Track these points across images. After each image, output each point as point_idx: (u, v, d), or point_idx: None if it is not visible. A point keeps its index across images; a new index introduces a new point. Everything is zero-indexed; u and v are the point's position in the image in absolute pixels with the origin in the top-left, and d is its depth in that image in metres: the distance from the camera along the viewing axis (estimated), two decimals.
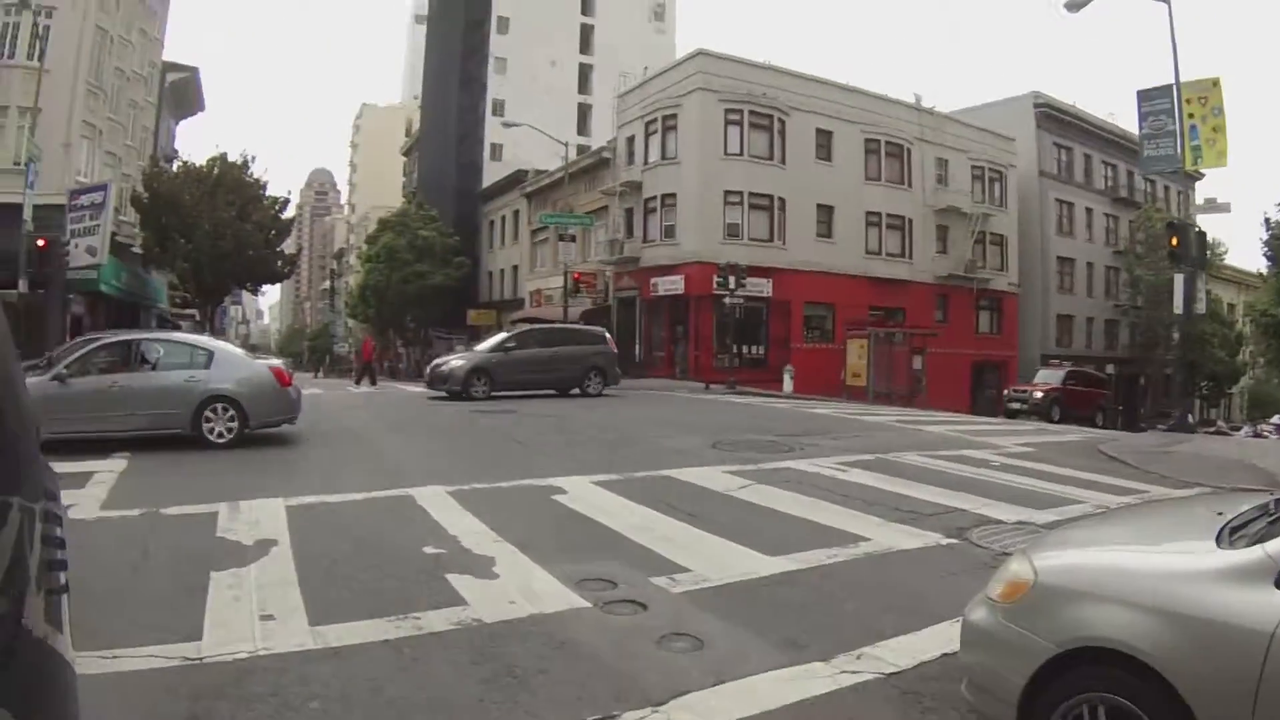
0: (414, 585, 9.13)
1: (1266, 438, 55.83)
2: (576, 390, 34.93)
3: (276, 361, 21.28)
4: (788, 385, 45.30)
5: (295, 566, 9.77)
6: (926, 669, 7.03)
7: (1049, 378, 49.16)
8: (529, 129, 62.39)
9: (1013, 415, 43.40)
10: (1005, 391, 49.54)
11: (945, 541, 11.65)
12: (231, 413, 18.96)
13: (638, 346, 57.50)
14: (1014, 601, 5.61)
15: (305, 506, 12.92)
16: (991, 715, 5.70)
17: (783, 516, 12.74)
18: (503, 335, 36.99)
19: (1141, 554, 5.70)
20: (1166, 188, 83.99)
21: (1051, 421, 39.97)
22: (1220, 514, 5.94)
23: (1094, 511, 13.70)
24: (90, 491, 14.11)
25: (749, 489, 14.61)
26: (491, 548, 10.49)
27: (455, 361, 34.28)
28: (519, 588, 8.98)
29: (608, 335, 38.46)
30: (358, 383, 48.64)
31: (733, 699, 6.52)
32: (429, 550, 10.45)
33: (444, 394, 32.84)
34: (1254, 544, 5.00)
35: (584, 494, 13.89)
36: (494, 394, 32.49)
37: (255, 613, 8.35)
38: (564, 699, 6.54)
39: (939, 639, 7.60)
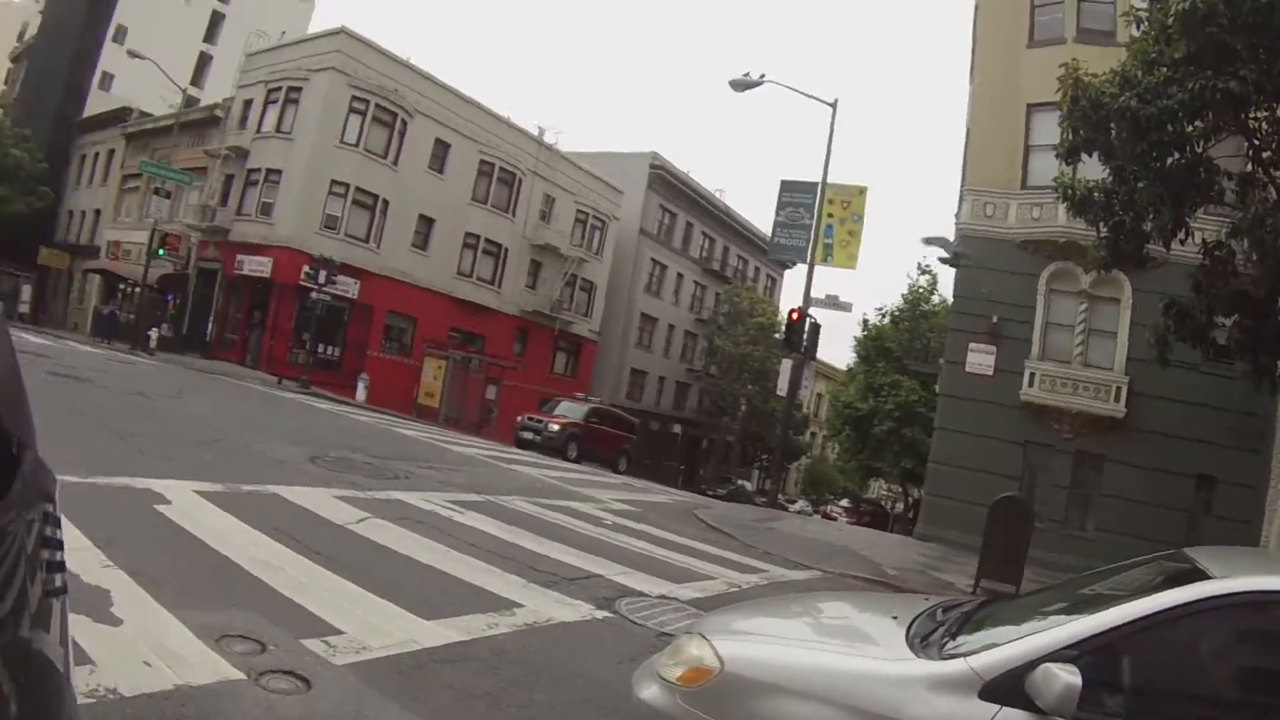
0: None
1: (835, 519, 60.15)
2: None
3: None
4: (361, 394, 44.59)
5: None
6: None
7: (570, 411, 44.87)
8: (145, 65, 57.74)
9: (524, 446, 40.04)
10: (518, 419, 44.35)
11: (600, 615, 10.93)
12: None
13: (210, 325, 54.67)
14: (697, 686, 5.47)
15: None
16: None
17: (420, 566, 11.48)
18: None
19: (835, 654, 5.72)
20: (758, 269, 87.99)
21: (567, 459, 38.91)
22: (895, 617, 6.26)
23: (730, 590, 13.81)
24: None
25: (369, 524, 13.21)
26: (103, 575, 8.37)
27: None
28: (151, 642, 7.06)
29: None
30: None
31: None
32: None
33: None
34: (947, 655, 5.35)
35: (190, 507, 11.79)
36: None
37: None
38: None
39: None
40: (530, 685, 8.06)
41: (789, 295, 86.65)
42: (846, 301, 35.74)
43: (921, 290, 65.37)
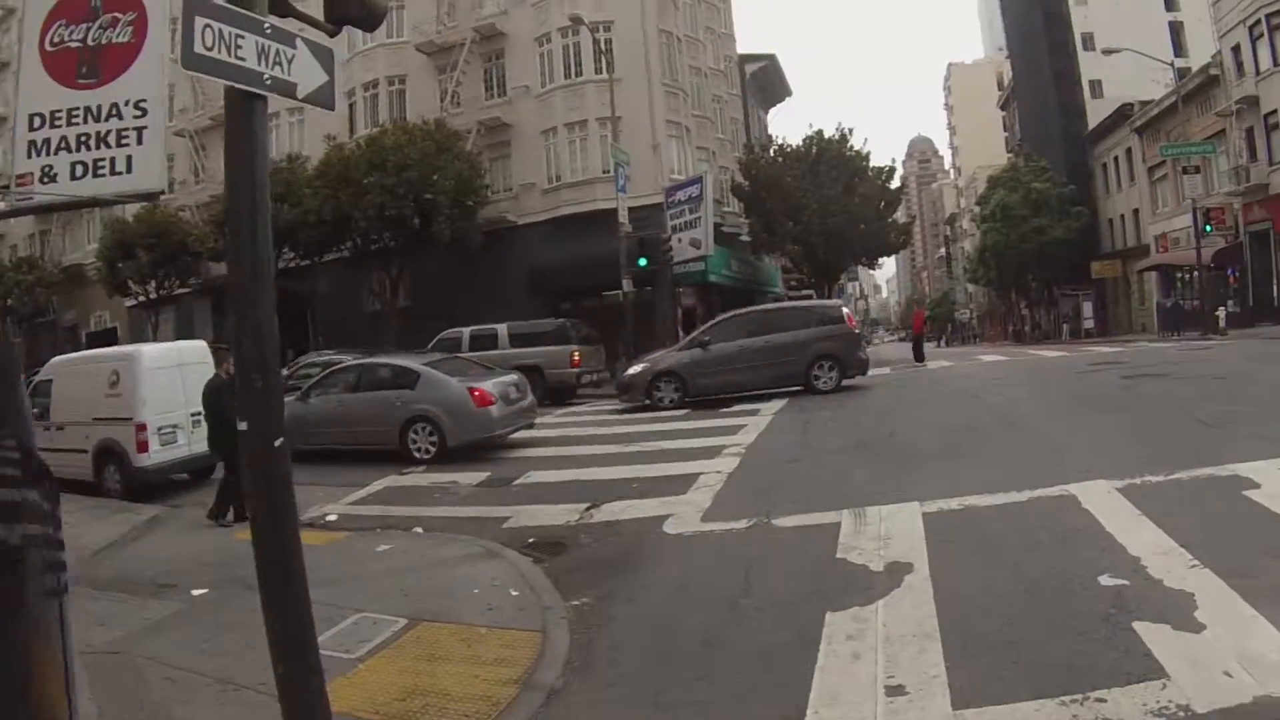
0: (1091, 640, 6.84)
1: None
2: (800, 388, 27.75)
3: (487, 383, 20.73)
4: None
5: (935, 607, 7.90)
6: None
7: None
8: (1128, 57, 57.53)
9: None
10: None
11: None
12: (430, 429, 20.11)
13: (1275, 287, 51.25)
14: None
15: (945, 514, 11.01)
16: None
17: None
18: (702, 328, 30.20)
19: None
20: None
21: None
22: None
23: None
24: (692, 498, 13.33)
25: None
26: (1187, 577, 7.86)
27: (636, 367, 29.04)
28: (1234, 648, 6.36)
29: (846, 310, 30.76)
30: (918, 359, 42.36)
31: None
32: (1106, 581, 8.03)
33: (633, 404, 28.27)
34: None
35: None
36: (687, 400, 27.48)
37: (879, 680, 6.61)
38: None
39: None
40: None
41: None
42: None
43: None
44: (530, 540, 12.05)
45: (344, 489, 17.22)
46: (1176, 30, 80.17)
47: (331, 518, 14.89)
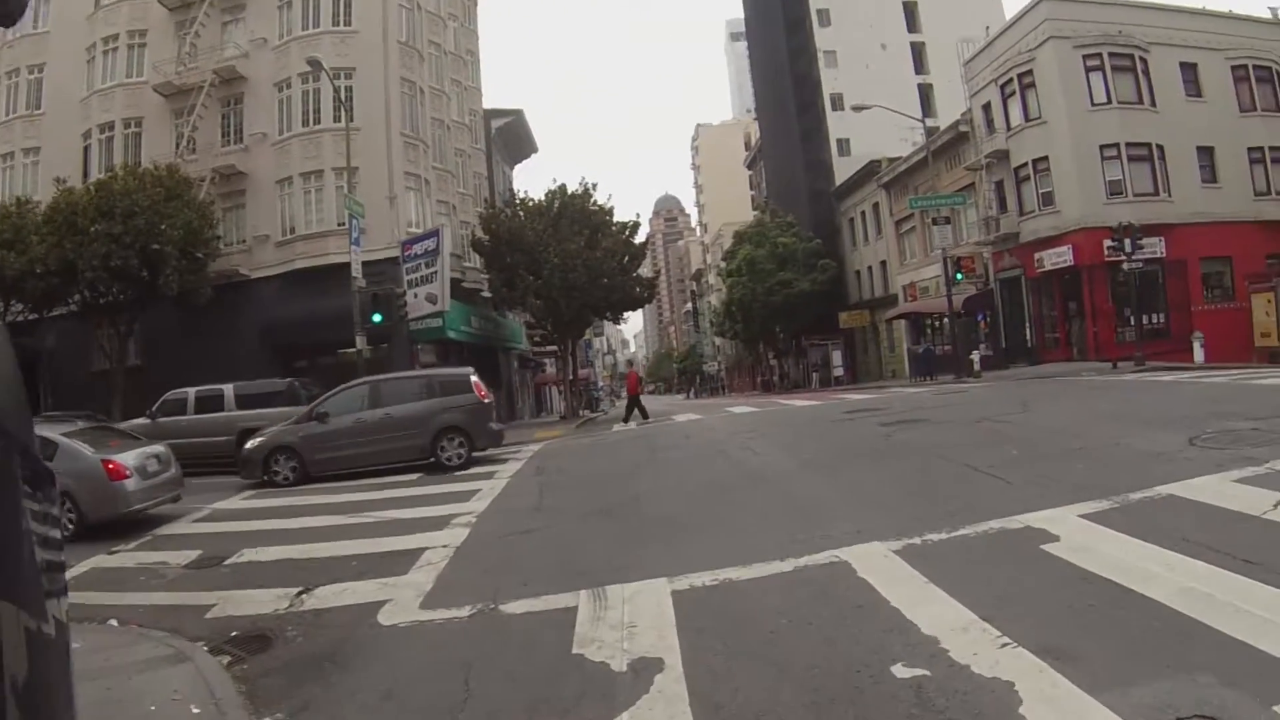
0: None
1: None
2: (433, 460, 25.97)
3: (124, 455, 19.09)
4: (1198, 355, 40.61)
5: (692, 718, 6.16)
6: None
7: None
8: (877, 113, 59.07)
9: None
10: None
11: None
12: (69, 504, 18.04)
13: (1028, 330, 54.13)
14: None
15: (699, 591, 9.35)
16: None
17: None
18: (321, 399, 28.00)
19: None
20: None
21: None
22: None
23: None
24: (414, 578, 11.60)
25: None
26: (999, 660, 6.30)
27: (254, 440, 26.62)
28: None
29: (474, 379, 28.05)
30: (626, 420, 41.59)
31: None
32: (902, 673, 6.37)
33: (252, 481, 25.81)
34: None
35: (1081, 538, 9.37)
36: (311, 477, 25.29)
37: None
38: None
39: None
40: None
41: None
42: None
43: None
44: (233, 634, 10.10)
45: None
46: (925, 92, 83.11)
47: None
